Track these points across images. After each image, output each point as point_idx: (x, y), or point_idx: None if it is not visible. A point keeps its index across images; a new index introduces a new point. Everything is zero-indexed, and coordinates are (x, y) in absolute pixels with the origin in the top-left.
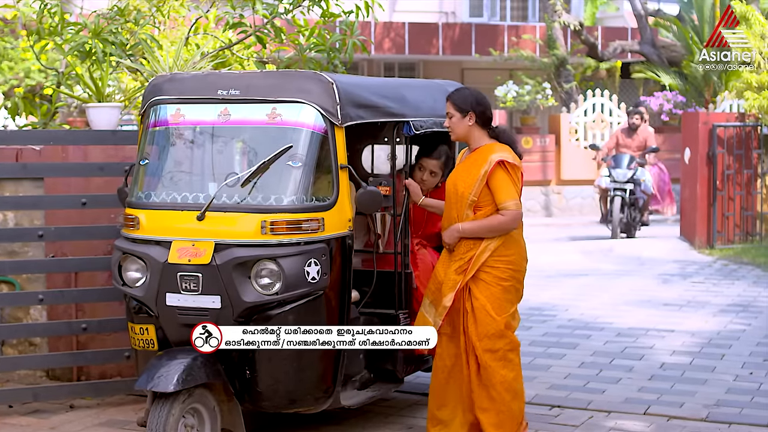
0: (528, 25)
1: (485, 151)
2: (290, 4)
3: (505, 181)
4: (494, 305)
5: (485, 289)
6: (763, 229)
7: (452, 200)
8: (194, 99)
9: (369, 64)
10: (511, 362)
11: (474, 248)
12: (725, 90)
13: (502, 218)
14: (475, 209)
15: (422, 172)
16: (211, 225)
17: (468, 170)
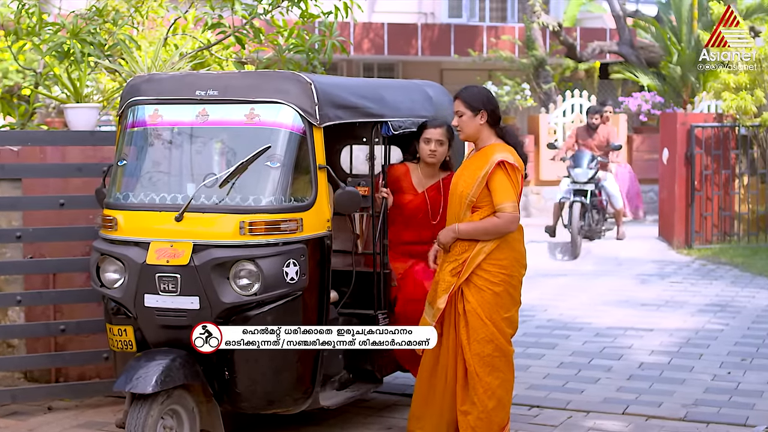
0: (507, 26)
1: (489, 152)
2: (269, 5)
3: (503, 182)
4: (485, 310)
5: (477, 294)
6: (741, 229)
7: (453, 199)
8: (172, 99)
9: (348, 64)
10: (498, 369)
11: (469, 250)
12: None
13: (497, 221)
14: (473, 210)
15: (429, 145)
16: (190, 226)
17: (470, 169)
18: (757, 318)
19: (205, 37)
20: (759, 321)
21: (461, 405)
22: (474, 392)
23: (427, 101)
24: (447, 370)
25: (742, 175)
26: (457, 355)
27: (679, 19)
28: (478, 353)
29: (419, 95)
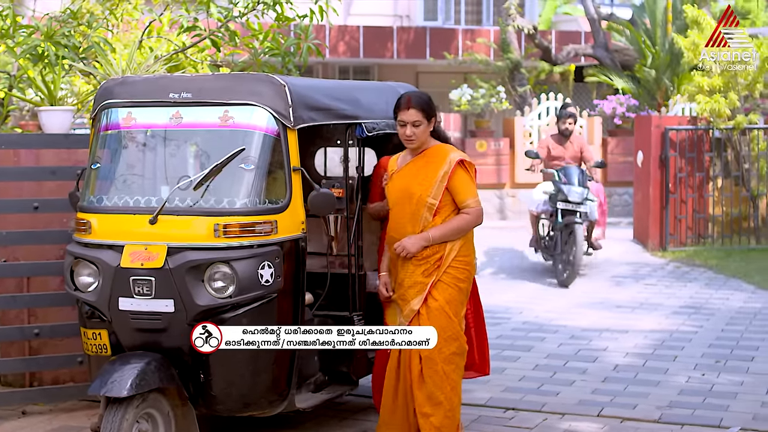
0: (482, 29)
1: (438, 153)
2: (245, 8)
3: (465, 179)
4: (452, 307)
5: (444, 291)
6: (715, 231)
7: (404, 206)
8: (146, 102)
9: (324, 67)
10: (459, 367)
11: (441, 250)
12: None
13: (468, 217)
14: (434, 213)
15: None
16: (164, 228)
17: (422, 173)
18: (730, 320)
19: (180, 40)
20: (733, 323)
21: (421, 407)
22: (441, 391)
23: None
24: (408, 373)
25: (716, 178)
26: (411, 357)
27: (654, 23)
28: (445, 351)
29: (393, 97)
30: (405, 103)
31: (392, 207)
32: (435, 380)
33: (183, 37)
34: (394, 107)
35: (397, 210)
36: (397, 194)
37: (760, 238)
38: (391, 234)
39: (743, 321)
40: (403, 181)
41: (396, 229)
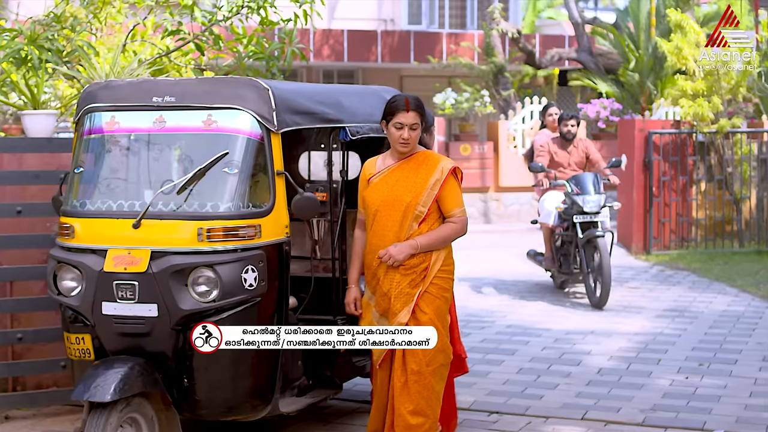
0: (466, 33)
1: (427, 159)
2: (229, 12)
3: (455, 188)
4: (440, 318)
5: (432, 302)
6: (698, 235)
7: (389, 211)
8: (129, 106)
9: (308, 71)
10: (443, 377)
11: (426, 260)
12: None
13: (456, 226)
14: (420, 221)
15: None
16: (147, 233)
17: (410, 179)
18: (714, 323)
19: (164, 43)
20: (716, 326)
21: (406, 419)
22: (428, 404)
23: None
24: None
25: (699, 182)
26: (398, 368)
27: (637, 27)
28: (434, 364)
29: (377, 101)
30: (405, 105)
31: (373, 212)
32: (424, 395)
33: (167, 40)
34: (389, 109)
35: (381, 216)
36: (381, 199)
37: (744, 241)
38: (372, 241)
39: (726, 324)
40: (387, 185)
41: (378, 236)
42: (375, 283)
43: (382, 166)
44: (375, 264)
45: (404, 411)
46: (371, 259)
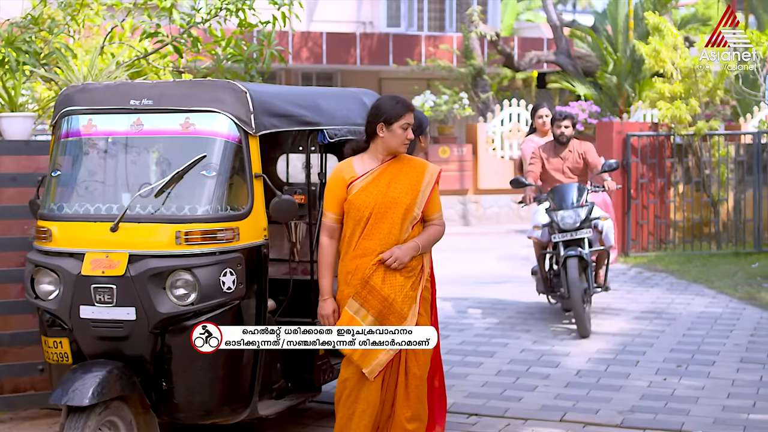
0: (445, 36)
1: (413, 162)
2: (207, 14)
3: (437, 192)
4: (432, 322)
5: (426, 306)
6: (676, 236)
7: (385, 214)
8: (106, 109)
9: (287, 73)
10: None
11: (420, 261)
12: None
13: (440, 228)
14: (414, 224)
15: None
16: (125, 236)
17: (401, 181)
18: (692, 324)
19: (142, 46)
20: (694, 327)
21: (409, 423)
22: (424, 408)
23: (362, 109)
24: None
25: (677, 184)
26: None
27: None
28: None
29: (355, 103)
30: (408, 106)
31: (366, 216)
32: (421, 399)
33: (145, 43)
34: (396, 111)
35: (378, 219)
36: (375, 202)
37: (721, 243)
38: (366, 245)
39: (704, 326)
40: (379, 188)
41: (375, 240)
42: (366, 293)
43: (363, 168)
44: (369, 270)
45: (403, 419)
46: (359, 265)
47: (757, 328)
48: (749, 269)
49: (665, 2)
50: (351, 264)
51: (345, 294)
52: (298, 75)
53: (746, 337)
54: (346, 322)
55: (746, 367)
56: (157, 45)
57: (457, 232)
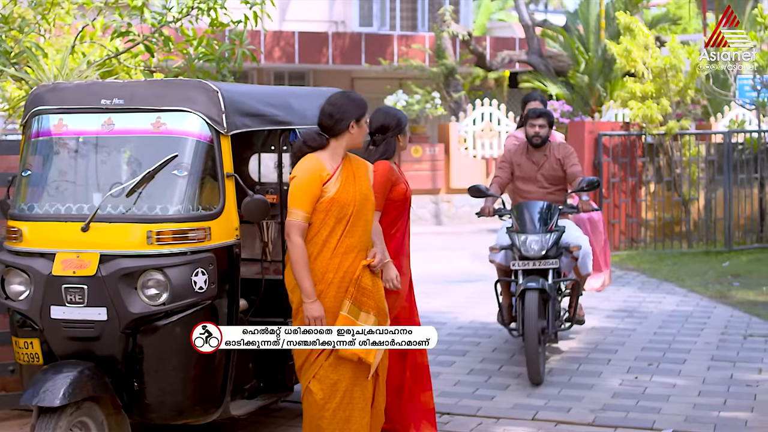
0: (417, 35)
1: (360, 160)
2: (179, 13)
3: None
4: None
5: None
6: (647, 235)
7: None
8: (77, 109)
9: (259, 73)
10: None
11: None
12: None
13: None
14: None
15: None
16: (96, 236)
17: (362, 177)
18: (663, 323)
19: (113, 45)
20: (665, 326)
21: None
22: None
23: None
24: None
25: (648, 183)
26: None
27: (587, 29)
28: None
29: None
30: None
31: (349, 213)
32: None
33: (116, 42)
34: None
35: (360, 215)
36: (354, 198)
37: (692, 242)
38: (347, 242)
39: (675, 324)
40: (351, 184)
41: (356, 237)
42: (357, 292)
43: (332, 166)
44: (359, 272)
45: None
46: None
47: (728, 327)
48: (720, 268)
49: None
50: (333, 262)
51: (329, 294)
52: (271, 74)
53: (717, 336)
54: (344, 325)
55: (717, 365)
56: (128, 44)
57: (429, 232)
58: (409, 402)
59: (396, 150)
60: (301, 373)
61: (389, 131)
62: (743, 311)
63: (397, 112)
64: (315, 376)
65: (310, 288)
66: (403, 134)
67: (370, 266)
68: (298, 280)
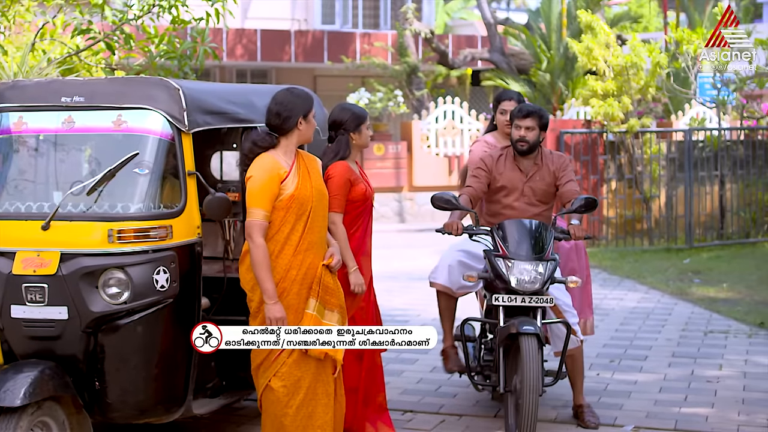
0: (380, 33)
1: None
2: (140, 11)
3: None
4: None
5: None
6: (609, 233)
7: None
8: (37, 106)
9: (221, 71)
10: None
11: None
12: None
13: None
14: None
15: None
16: (57, 235)
17: (315, 174)
18: (624, 320)
19: (74, 42)
20: (626, 323)
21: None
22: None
23: None
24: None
25: (609, 180)
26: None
27: (549, 28)
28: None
29: None
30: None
31: (308, 210)
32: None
33: (77, 39)
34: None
35: (318, 212)
36: (312, 195)
37: (653, 239)
38: (309, 238)
39: (637, 321)
40: (307, 181)
41: (315, 233)
42: (321, 291)
43: (287, 163)
44: (320, 269)
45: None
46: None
47: (689, 323)
48: (681, 265)
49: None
50: (296, 259)
51: (292, 292)
52: (233, 72)
53: (678, 332)
54: (311, 323)
55: (678, 361)
56: (89, 42)
57: (392, 229)
58: (365, 403)
59: (349, 148)
60: (259, 372)
61: (342, 127)
62: (704, 308)
63: (352, 108)
64: (277, 374)
65: (272, 289)
66: (358, 131)
67: (328, 266)
68: (260, 281)
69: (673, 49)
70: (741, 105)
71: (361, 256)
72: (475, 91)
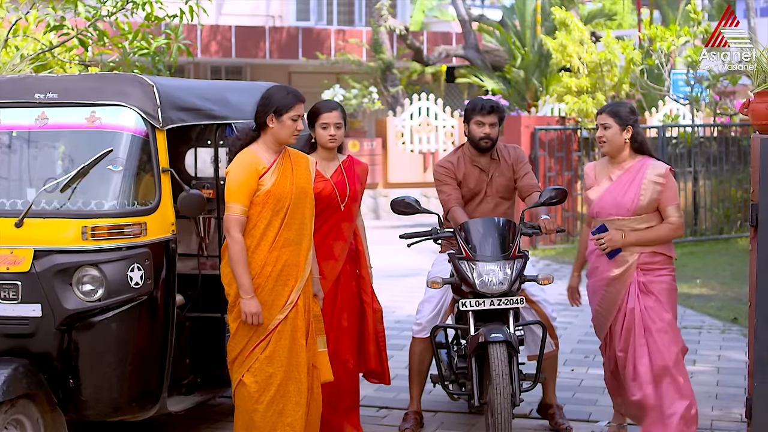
0: (355, 29)
1: (300, 155)
2: (113, 7)
3: None
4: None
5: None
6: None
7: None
8: (10, 103)
9: (195, 67)
10: None
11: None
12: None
13: None
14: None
15: (328, 129)
16: (30, 232)
17: (302, 172)
18: None
19: (47, 39)
20: None
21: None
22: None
23: None
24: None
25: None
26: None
27: (523, 24)
28: None
29: None
30: (298, 97)
31: (285, 207)
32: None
33: (50, 36)
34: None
35: (293, 209)
36: (290, 192)
37: None
38: (285, 235)
39: None
40: (288, 178)
41: (294, 231)
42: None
43: (268, 159)
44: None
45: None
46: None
47: None
48: None
49: None
50: (271, 255)
51: (267, 288)
52: (207, 69)
53: None
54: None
55: None
56: (62, 38)
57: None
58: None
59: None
60: (234, 367)
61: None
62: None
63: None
64: (249, 370)
65: (248, 284)
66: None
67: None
68: (236, 276)
69: (646, 46)
70: (714, 102)
71: (325, 260)
72: (450, 87)
